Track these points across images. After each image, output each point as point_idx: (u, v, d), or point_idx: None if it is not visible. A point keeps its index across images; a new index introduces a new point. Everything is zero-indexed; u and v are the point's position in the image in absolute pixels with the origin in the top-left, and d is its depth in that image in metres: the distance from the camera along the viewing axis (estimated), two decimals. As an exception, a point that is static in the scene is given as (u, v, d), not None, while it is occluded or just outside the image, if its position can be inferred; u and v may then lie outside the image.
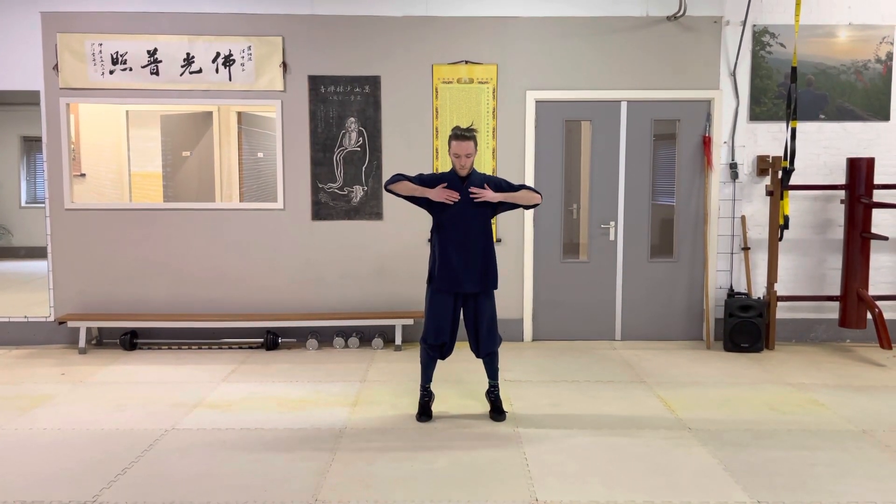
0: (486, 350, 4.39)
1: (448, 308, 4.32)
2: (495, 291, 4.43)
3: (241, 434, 4.16)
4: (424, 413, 4.40)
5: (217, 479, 3.55)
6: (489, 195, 4.18)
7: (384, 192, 6.22)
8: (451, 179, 4.26)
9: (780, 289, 6.30)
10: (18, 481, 3.53)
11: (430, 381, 4.50)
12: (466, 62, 6.17)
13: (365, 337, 6.30)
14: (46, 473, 3.62)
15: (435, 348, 4.39)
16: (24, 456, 3.85)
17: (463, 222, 4.25)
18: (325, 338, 6.29)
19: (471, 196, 4.20)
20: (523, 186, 4.32)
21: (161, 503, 3.31)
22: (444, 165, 6.17)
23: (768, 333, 6.11)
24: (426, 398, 4.45)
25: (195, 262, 6.28)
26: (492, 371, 4.48)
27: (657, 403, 4.73)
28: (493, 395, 4.48)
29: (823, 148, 6.26)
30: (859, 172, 5.95)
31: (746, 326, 6.02)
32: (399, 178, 4.23)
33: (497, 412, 4.41)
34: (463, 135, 4.17)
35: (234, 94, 6.16)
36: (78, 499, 3.35)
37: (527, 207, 4.36)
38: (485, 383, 4.66)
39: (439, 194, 4.18)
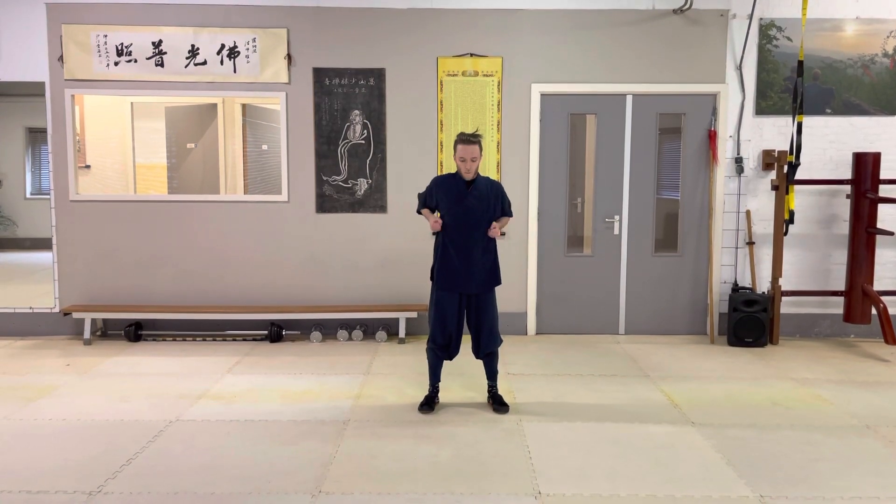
0: (487, 350, 4.42)
1: (453, 307, 4.35)
2: (499, 286, 4.48)
3: (245, 425, 4.18)
4: (428, 404, 4.43)
5: (221, 470, 3.57)
6: (497, 233, 4.30)
7: (388, 185, 6.24)
8: (457, 181, 4.32)
9: (785, 283, 6.28)
10: (24, 471, 3.55)
11: (439, 380, 4.54)
12: (471, 55, 6.16)
13: (369, 330, 6.31)
14: (51, 464, 3.64)
15: (442, 348, 4.41)
16: (29, 446, 3.87)
17: (467, 224, 4.29)
18: (328, 330, 6.30)
19: (489, 234, 4.30)
20: (508, 210, 4.47)
21: (165, 493, 3.33)
22: (448, 158, 6.16)
23: (772, 328, 6.09)
24: (433, 393, 4.50)
25: (200, 254, 6.29)
26: (490, 372, 4.51)
27: (660, 397, 4.73)
28: (492, 392, 4.51)
29: (829, 142, 6.24)
30: (865, 167, 5.92)
31: (750, 321, 6.01)
32: (421, 206, 4.48)
33: (500, 404, 4.43)
34: (468, 139, 4.22)
35: (238, 86, 6.16)
36: (83, 489, 3.37)
37: None
38: None
39: (433, 226, 4.31)
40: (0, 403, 4.53)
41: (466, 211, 4.28)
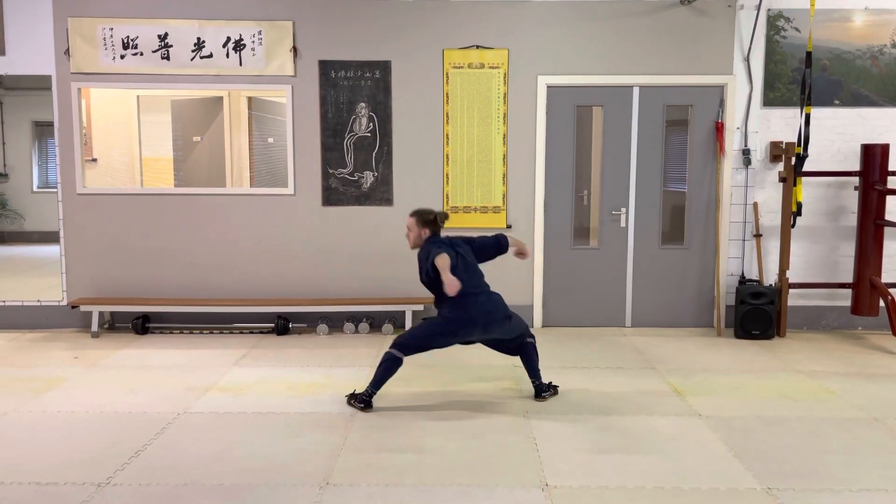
0: None
1: None
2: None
3: (252, 418, 4.19)
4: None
5: (228, 463, 3.58)
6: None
7: (394, 178, 6.23)
8: None
9: (792, 276, 6.26)
10: (32, 464, 3.57)
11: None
12: (477, 47, 6.14)
13: (375, 322, 6.32)
14: (60, 456, 3.66)
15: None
16: (38, 438, 3.89)
17: None
18: (335, 323, 6.31)
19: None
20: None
21: (174, 485, 3.34)
22: (454, 152, 6.17)
23: (780, 321, 6.08)
24: None
25: (206, 247, 6.30)
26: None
27: (667, 390, 4.73)
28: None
29: (837, 134, 6.20)
30: (874, 159, 5.89)
31: (758, 313, 5.99)
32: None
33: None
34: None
35: (244, 78, 6.16)
36: (91, 481, 3.38)
37: None
38: (501, 367, 4.74)
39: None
40: (8, 396, 4.56)
41: None
